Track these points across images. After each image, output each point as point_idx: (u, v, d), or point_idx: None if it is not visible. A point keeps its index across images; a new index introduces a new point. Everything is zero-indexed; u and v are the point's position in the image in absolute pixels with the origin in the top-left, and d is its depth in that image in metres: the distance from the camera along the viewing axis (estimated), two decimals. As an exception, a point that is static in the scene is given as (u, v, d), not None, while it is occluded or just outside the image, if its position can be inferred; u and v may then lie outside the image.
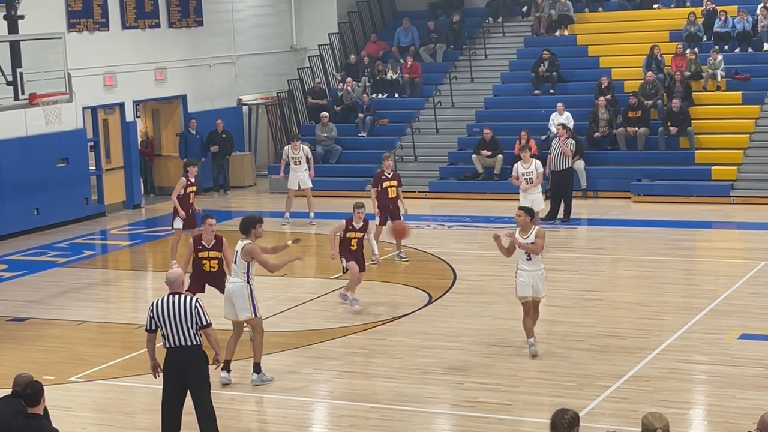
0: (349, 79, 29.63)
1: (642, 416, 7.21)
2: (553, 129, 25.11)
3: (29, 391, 8.57)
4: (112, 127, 26.65)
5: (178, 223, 19.44)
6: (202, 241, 14.72)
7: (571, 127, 24.74)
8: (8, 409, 8.71)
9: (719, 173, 24.76)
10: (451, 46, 30.95)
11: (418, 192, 26.72)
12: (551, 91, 28.18)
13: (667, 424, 7.04)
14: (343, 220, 16.53)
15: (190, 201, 19.50)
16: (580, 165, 24.60)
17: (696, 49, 27.40)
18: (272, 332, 15.25)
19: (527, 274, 13.72)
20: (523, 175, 20.36)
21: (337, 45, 31.74)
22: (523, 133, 25.84)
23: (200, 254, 14.69)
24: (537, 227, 13.83)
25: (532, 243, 13.61)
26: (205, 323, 10.66)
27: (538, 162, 20.64)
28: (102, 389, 13.44)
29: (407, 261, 19.47)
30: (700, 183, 24.75)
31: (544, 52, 28.45)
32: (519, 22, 31.46)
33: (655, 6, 30.10)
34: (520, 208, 14.22)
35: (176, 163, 28.42)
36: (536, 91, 28.41)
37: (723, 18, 27.94)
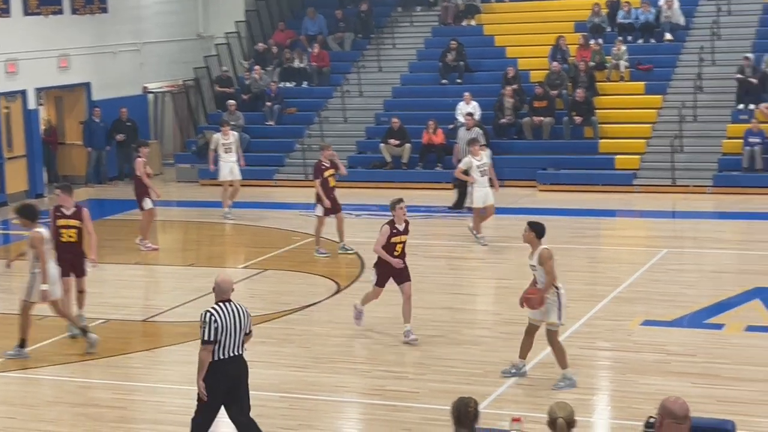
0: (256, 68, 29.47)
1: (549, 405, 7.30)
2: (460, 118, 25.27)
3: None
4: (14, 115, 26.14)
5: (147, 204, 19.88)
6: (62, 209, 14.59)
7: (478, 117, 24.94)
8: None
9: (622, 162, 25.16)
10: (359, 35, 30.96)
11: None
12: (458, 80, 28.35)
13: (571, 413, 7.13)
14: (385, 226, 14.00)
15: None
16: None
17: (600, 40, 27.80)
18: (179, 323, 15.14)
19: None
20: (478, 167, 19.64)
21: (244, 33, 31.53)
22: (430, 121, 26.02)
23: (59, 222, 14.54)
24: (541, 248, 12.26)
25: (539, 276, 12.32)
26: (250, 330, 10.16)
27: (489, 151, 20.21)
28: (4, 381, 13.19)
29: (353, 253, 19.10)
30: (604, 172, 25.12)
31: (452, 41, 28.60)
32: (426, 12, 31.59)
33: (560, -3, 30.48)
34: (528, 223, 12.47)
35: (80, 152, 28.02)
36: (443, 81, 28.55)
37: (626, 9, 28.37)
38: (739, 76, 25.56)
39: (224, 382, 9.94)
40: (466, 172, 19.89)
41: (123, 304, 16.57)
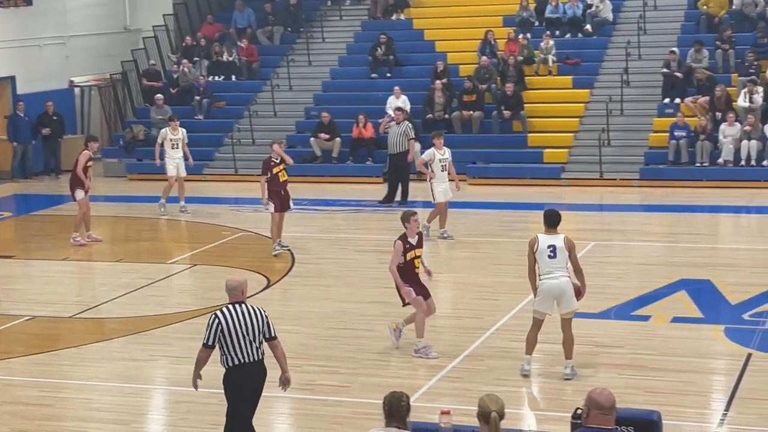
0: (184, 61, 29.25)
1: (479, 398, 7.32)
2: (390, 112, 25.31)
3: None
4: (-64, 108, 25.71)
5: (80, 195, 19.80)
6: None
7: (408, 111, 24.98)
8: None
9: (551, 156, 25.37)
10: (289, 29, 30.86)
11: (256, 176, 26.52)
12: (388, 74, 28.38)
13: (502, 406, 7.16)
14: (398, 242, 13.05)
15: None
16: (416, 148, 24.82)
17: (528, 35, 27.98)
18: (107, 318, 14.99)
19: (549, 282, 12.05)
20: (440, 161, 19.35)
21: (172, 26, 31.27)
22: (360, 115, 26.02)
23: None
24: (564, 236, 12.10)
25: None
26: (274, 335, 9.72)
27: (449, 149, 19.81)
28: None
29: (287, 249, 18.88)
30: (533, 165, 25.31)
31: (381, 35, 28.63)
32: (356, 6, 31.58)
33: (489, -9, 30.61)
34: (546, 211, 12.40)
35: (4, 147, 27.61)
36: (373, 75, 28.56)
37: (554, 4, 28.60)
38: (664, 70, 25.90)
39: (241, 388, 9.56)
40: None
41: (50, 300, 16.36)
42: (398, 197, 22.86)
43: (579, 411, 7.15)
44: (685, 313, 14.56)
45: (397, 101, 25.87)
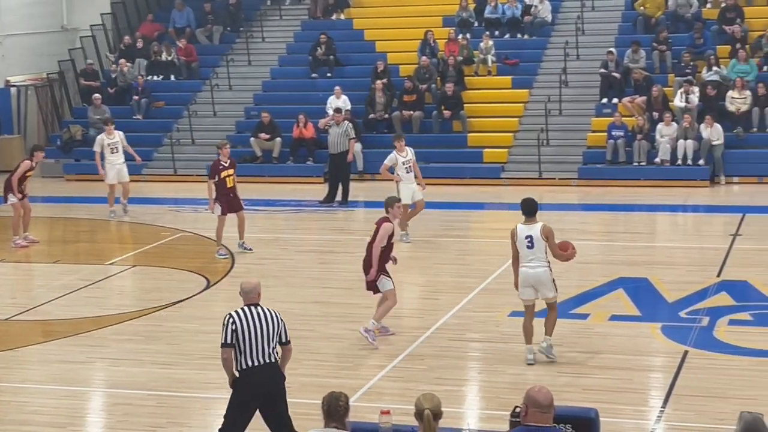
0: (122, 61, 29.00)
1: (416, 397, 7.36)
2: (330, 112, 25.28)
3: None
4: None
5: (12, 199, 19.56)
6: None
7: (348, 111, 24.98)
8: None
9: (490, 156, 25.50)
10: (228, 29, 30.72)
11: (196, 176, 26.42)
12: (328, 74, 28.35)
13: (437, 404, 7.19)
14: (388, 224, 13.46)
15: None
16: (357, 148, 24.84)
17: (468, 35, 28.10)
18: (44, 321, 14.81)
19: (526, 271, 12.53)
20: (403, 164, 19.26)
21: (110, 25, 30.99)
22: (300, 115, 25.97)
23: None
24: (541, 224, 12.63)
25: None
26: (287, 339, 9.61)
27: (411, 150, 19.67)
28: None
29: (251, 251, 18.72)
30: (473, 165, 25.43)
31: (321, 35, 28.60)
32: (296, 5, 31.52)
33: (429, -9, 30.69)
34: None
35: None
36: (313, 75, 28.52)
37: (493, 4, 28.74)
38: (602, 70, 26.13)
39: (248, 392, 9.36)
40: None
41: (-15, 303, 16.14)
42: (339, 197, 22.84)
43: (518, 409, 7.19)
44: (623, 311, 14.70)
45: (338, 101, 25.86)
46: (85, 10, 30.85)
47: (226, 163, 18.38)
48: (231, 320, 9.42)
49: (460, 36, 27.89)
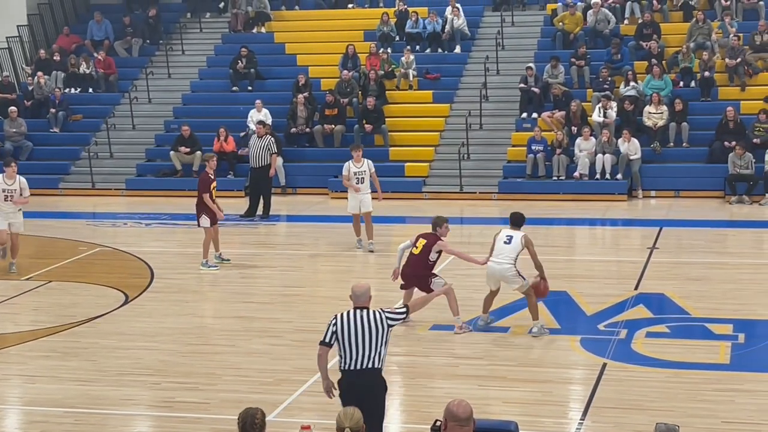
0: (39, 73, 28.60)
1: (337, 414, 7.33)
2: (252, 126, 25.18)
3: None
4: None
5: None
6: None
7: (270, 124, 24.90)
8: None
9: (412, 170, 25.58)
10: (147, 41, 30.46)
11: (114, 189, 26.16)
12: (249, 87, 28.26)
13: (358, 420, 7.18)
14: (443, 240, 14.87)
15: None
16: (278, 162, 24.76)
17: (389, 49, 28.19)
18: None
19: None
20: (356, 174, 19.34)
21: (26, 37, 30.55)
22: (221, 129, 25.84)
23: None
24: (524, 234, 14.56)
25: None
26: (403, 317, 9.89)
27: (369, 161, 19.73)
28: None
29: (228, 261, 18.57)
30: (394, 179, 25.43)
31: (242, 48, 28.49)
32: (216, 19, 31.37)
33: (350, 6, 30.76)
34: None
35: None
36: (234, 88, 28.41)
37: (414, 19, 28.87)
38: (522, 85, 26.38)
39: (349, 393, 9.26)
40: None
41: None
42: (260, 211, 22.73)
43: (438, 423, 7.19)
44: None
45: (259, 114, 25.77)
46: (0, 22, 30.36)
47: (212, 176, 18.46)
48: (334, 321, 9.58)
49: (381, 50, 27.97)
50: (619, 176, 24.38)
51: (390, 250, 20.82)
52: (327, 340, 9.56)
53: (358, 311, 9.56)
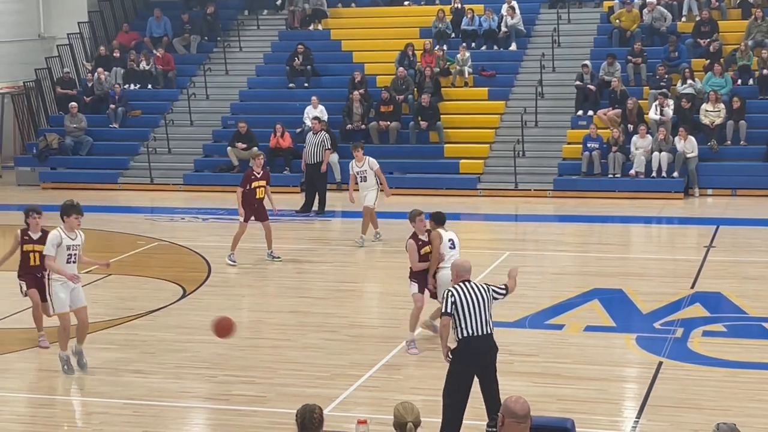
0: (99, 70, 28.96)
1: (394, 407, 7.37)
2: (308, 122, 25.32)
3: None
4: None
5: None
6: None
7: (326, 121, 25.03)
8: None
9: (467, 167, 25.59)
10: (206, 38, 30.72)
11: (173, 184, 26.43)
12: (306, 84, 28.40)
13: (417, 415, 7.22)
14: (410, 241, 13.89)
15: None
16: (334, 158, 24.89)
17: (445, 46, 28.21)
18: (20, 329, 14.76)
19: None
20: (357, 173, 19.59)
21: (87, 34, 30.94)
22: (277, 125, 26.01)
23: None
24: (453, 231, 14.10)
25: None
26: (505, 291, 10.85)
27: (372, 159, 19.86)
28: None
29: (279, 260, 18.63)
30: (449, 176, 25.52)
31: (299, 45, 28.64)
32: (273, 16, 31.56)
33: (406, 3, 30.81)
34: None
35: None
36: (291, 85, 28.57)
37: (470, 16, 28.87)
38: (578, 83, 26.29)
39: (471, 358, 10.09)
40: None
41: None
42: (315, 207, 22.87)
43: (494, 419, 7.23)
44: (598, 322, 14.78)
45: (315, 111, 25.90)
46: (62, 19, 30.79)
47: (258, 173, 18.57)
48: (450, 293, 10.23)
49: (437, 47, 27.99)
50: (675, 174, 24.23)
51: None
52: (449, 310, 10.19)
53: (468, 283, 10.36)
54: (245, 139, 26.26)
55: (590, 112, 25.97)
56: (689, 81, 25.61)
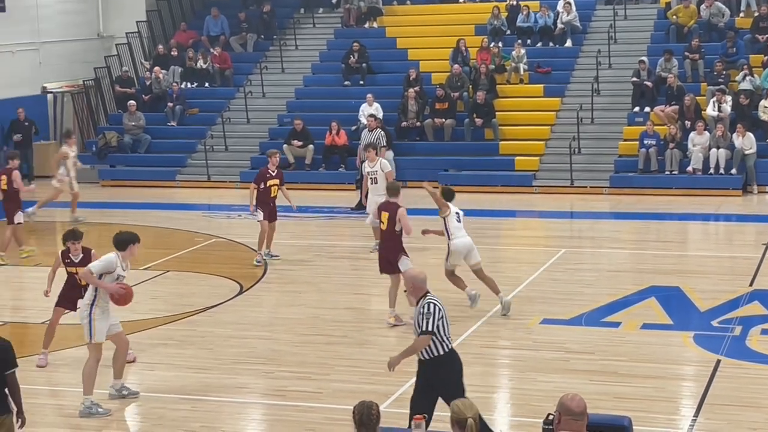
0: (157, 68, 29.24)
1: (452, 403, 7.38)
2: (363, 120, 25.39)
3: None
4: None
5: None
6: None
7: (381, 118, 25.09)
8: None
9: (522, 164, 25.53)
10: (262, 37, 30.91)
11: (229, 182, 26.62)
12: (361, 82, 28.47)
13: (476, 411, 7.23)
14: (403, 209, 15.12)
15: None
16: (389, 155, 24.92)
17: (500, 43, 28.15)
18: (78, 325, 14.95)
19: None
20: (368, 174, 19.35)
21: (145, 33, 31.26)
22: (333, 123, 26.10)
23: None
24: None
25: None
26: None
27: (384, 161, 19.64)
28: None
29: (278, 259, 18.73)
30: (504, 173, 25.46)
31: (354, 43, 28.72)
32: (329, 14, 31.67)
33: (461, 0, 30.76)
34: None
35: (-24, 153, 27.58)
36: (346, 82, 28.66)
37: (525, 13, 28.78)
38: (634, 79, 26.12)
39: (459, 372, 9.79)
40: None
41: (22, 306, 16.36)
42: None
43: (551, 417, 7.22)
44: (655, 320, 14.70)
45: (370, 108, 25.97)
46: (120, 18, 31.13)
47: (273, 172, 18.59)
48: (438, 308, 9.66)
49: (492, 44, 27.94)
50: (733, 171, 23.99)
51: (500, 244, 20.86)
52: (433, 329, 9.60)
53: (432, 295, 9.83)
54: (301, 137, 26.39)
55: (647, 109, 25.79)
56: (748, 77, 25.34)
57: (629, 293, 15.98)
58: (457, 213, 15.12)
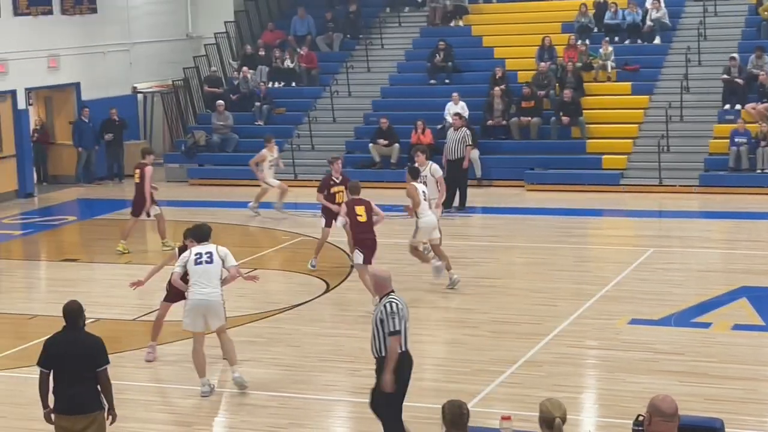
0: (245, 68, 29.53)
1: (540, 403, 7.34)
2: (449, 118, 25.36)
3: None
4: (3, 115, 26.18)
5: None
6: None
7: (466, 117, 25.03)
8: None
9: (610, 162, 25.28)
10: (348, 36, 31.03)
11: (315, 181, 26.68)
12: (446, 80, 28.44)
13: (565, 411, 7.19)
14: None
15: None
16: (474, 154, 24.86)
17: (587, 41, 27.91)
18: (169, 321, 15.17)
19: None
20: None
21: (233, 33, 31.58)
22: (419, 122, 26.09)
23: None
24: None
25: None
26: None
27: (435, 166, 19.20)
28: (-5, 381, 13.23)
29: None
30: (592, 172, 25.23)
31: (440, 42, 28.70)
32: (415, 12, 31.69)
33: (548, -2, 30.59)
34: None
35: (70, 152, 28.10)
36: (432, 81, 28.64)
37: (613, 10, 28.49)
38: (725, 76, 25.71)
39: (409, 373, 10.06)
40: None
41: (113, 303, 16.63)
42: (456, 203, 22.89)
43: (641, 418, 7.13)
44: (747, 321, 14.47)
45: (456, 107, 25.92)
46: (209, 19, 31.49)
47: (337, 179, 18.37)
48: (400, 307, 9.87)
49: (579, 42, 27.72)
50: (827, 169, 23.50)
51: (587, 243, 20.69)
52: (400, 328, 9.85)
53: (395, 294, 10.02)
54: (387, 136, 26.45)
55: (737, 106, 25.36)
56: (842, 73, 24.81)
57: (719, 293, 15.76)
58: (423, 192, 16.25)
